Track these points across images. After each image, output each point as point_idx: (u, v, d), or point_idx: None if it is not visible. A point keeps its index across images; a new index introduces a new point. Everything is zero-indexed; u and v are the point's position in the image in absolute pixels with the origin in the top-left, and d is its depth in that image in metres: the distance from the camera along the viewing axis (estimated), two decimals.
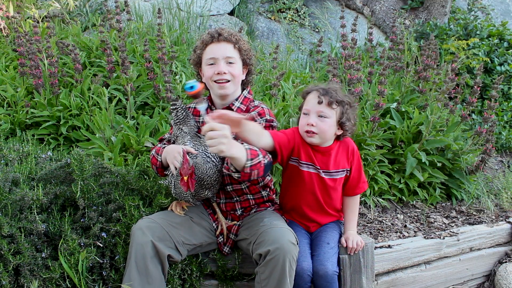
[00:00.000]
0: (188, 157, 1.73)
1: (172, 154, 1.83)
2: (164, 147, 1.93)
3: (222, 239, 1.99)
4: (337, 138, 1.95)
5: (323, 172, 1.93)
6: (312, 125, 1.84)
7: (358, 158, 2.01)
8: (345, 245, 1.93)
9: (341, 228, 2.07)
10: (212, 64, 1.90)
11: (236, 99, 1.97)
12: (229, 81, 1.89)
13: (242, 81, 2.00)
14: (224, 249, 1.99)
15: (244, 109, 1.96)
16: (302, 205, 1.99)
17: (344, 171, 1.97)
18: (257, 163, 1.66)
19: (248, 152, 1.64)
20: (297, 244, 1.76)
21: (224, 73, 1.87)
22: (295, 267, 1.72)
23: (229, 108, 1.94)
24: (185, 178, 1.70)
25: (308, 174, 1.93)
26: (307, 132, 1.87)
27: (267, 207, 2.03)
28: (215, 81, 1.89)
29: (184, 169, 1.71)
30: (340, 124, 1.89)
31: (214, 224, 2.01)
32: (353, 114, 1.93)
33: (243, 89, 2.01)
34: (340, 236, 2.01)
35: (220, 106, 1.98)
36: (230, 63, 1.89)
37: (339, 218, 2.09)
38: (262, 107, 1.95)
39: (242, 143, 1.67)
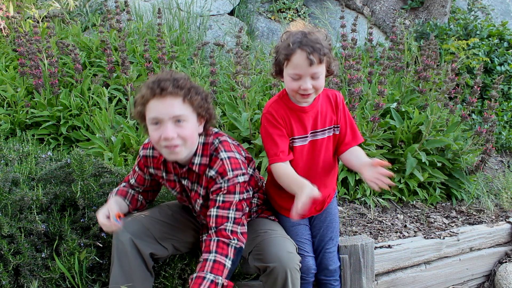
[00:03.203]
0: None
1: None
2: (110, 195, 1.82)
3: (205, 237, 1.94)
4: None
5: (311, 135, 1.81)
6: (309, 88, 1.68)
7: (344, 108, 1.86)
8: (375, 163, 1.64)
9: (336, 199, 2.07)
10: (156, 124, 1.54)
11: (195, 153, 1.65)
12: (179, 145, 1.55)
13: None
14: None
15: (206, 163, 1.65)
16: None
17: (332, 128, 1.85)
18: None
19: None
20: (297, 250, 1.77)
21: (173, 137, 1.52)
22: (299, 275, 1.72)
23: (189, 169, 1.67)
24: None
25: (300, 148, 1.80)
26: (303, 95, 1.70)
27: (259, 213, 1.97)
28: (164, 146, 1.56)
29: None
30: (328, 70, 1.74)
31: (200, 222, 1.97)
32: (332, 51, 1.75)
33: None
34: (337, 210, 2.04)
35: (180, 162, 1.69)
36: (179, 121, 1.53)
37: (336, 178, 2.00)
38: (221, 160, 1.62)
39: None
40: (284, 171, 1.70)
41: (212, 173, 1.63)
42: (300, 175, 1.73)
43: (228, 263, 1.56)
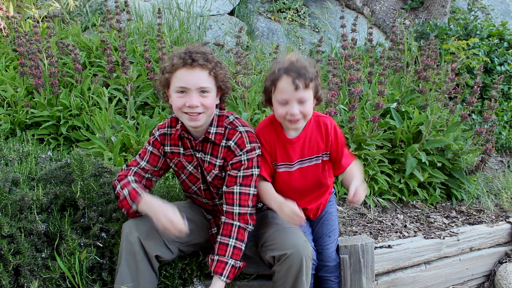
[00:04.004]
0: None
1: (162, 220, 1.64)
2: (140, 195, 1.72)
3: (215, 230, 1.96)
4: None
5: (297, 163, 1.84)
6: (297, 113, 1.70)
7: (336, 136, 1.86)
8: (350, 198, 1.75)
9: (335, 198, 2.09)
10: (182, 92, 1.68)
11: (211, 124, 1.78)
12: (201, 113, 1.69)
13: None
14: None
15: (222, 133, 1.77)
16: (296, 200, 1.90)
17: (320, 156, 1.87)
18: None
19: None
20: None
21: (197, 106, 1.66)
22: (311, 265, 1.74)
23: (205, 138, 1.78)
24: None
25: (286, 174, 1.86)
26: (291, 121, 1.73)
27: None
28: (185, 113, 1.70)
29: None
30: (317, 98, 1.77)
31: (207, 216, 1.99)
32: (320, 79, 1.77)
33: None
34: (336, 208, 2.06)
35: (195, 134, 1.81)
36: (204, 92, 1.68)
37: (331, 187, 2.05)
38: (240, 133, 1.76)
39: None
40: (263, 187, 1.78)
41: (231, 143, 1.75)
42: (288, 196, 1.78)
43: (243, 247, 1.74)
